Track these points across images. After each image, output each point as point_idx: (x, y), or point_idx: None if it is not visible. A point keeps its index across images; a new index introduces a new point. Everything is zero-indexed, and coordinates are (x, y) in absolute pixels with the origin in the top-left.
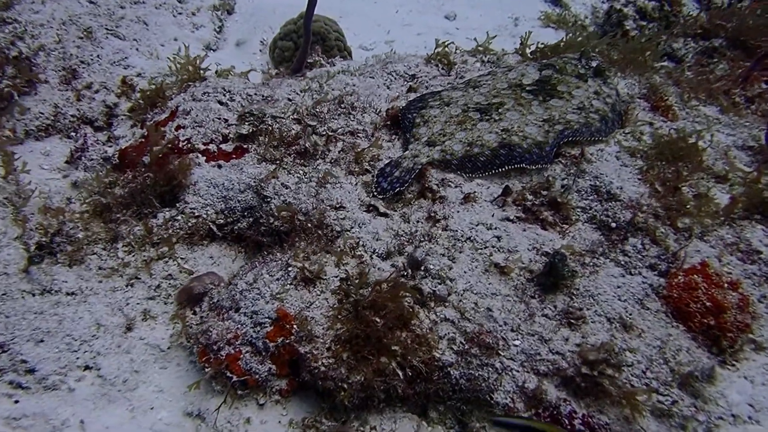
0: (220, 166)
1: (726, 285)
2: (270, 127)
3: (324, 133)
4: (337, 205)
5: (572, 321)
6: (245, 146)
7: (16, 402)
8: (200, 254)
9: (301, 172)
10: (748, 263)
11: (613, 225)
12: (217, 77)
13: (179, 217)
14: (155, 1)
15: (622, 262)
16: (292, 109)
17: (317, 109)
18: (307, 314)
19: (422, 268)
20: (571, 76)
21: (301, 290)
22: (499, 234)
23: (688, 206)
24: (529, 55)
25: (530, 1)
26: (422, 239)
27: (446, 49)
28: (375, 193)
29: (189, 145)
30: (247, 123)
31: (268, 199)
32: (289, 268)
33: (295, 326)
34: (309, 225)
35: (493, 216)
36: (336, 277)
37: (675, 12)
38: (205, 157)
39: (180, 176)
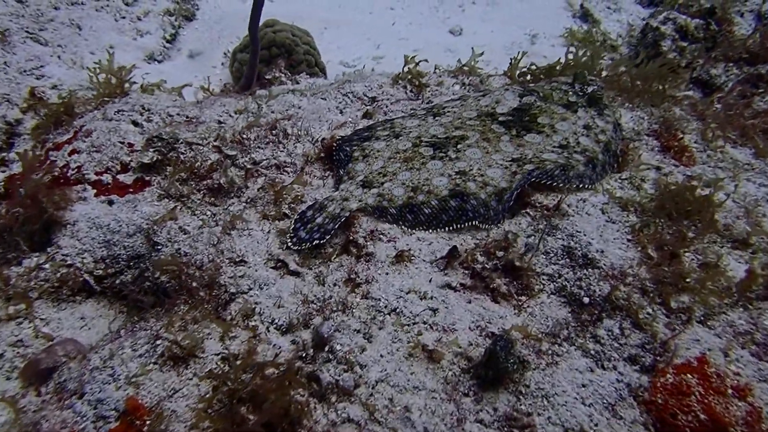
0: (111, 202)
1: (730, 391)
2: (180, 156)
3: (244, 165)
4: (238, 259)
5: (516, 431)
6: (148, 178)
7: None
8: (69, 314)
9: (208, 213)
10: (765, 361)
11: (586, 300)
12: (141, 93)
13: (47, 266)
14: (97, 3)
15: (592, 352)
16: (214, 134)
17: (244, 136)
18: (167, 406)
19: (327, 347)
20: (558, 104)
21: (166, 372)
22: (435, 306)
23: (688, 279)
24: (518, 78)
25: (554, 16)
26: (336, 308)
27: (418, 67)
28: (290, 244)
29: (79, 174)
30: (152, 149)
31: (159, 247)
32: (158, 342)
33: (147, 423)
34: (196, 284)
35: (430, 282)
36: (217, 354)
37: (725, 32)
38: (95, 190)
39: (53, 213)
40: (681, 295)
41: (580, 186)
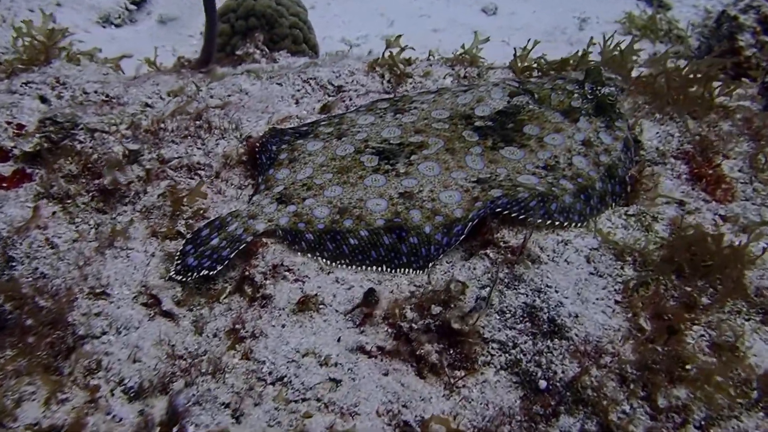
0: None
1: None
2: (78, 146)
3: (148, 163)
4: (99, 290)
5: None
6: (30, 170)
7: None
8: None
9: (92, 222)
10: None
11: (543, 384)
12: (67, 61)
13: None
14: None
15: None
16: (128, 120)
17: (161, 125)
18: None
19: (177, 428)
20: (555, 110)
21: None
22: (339, 376)
23: (688, 366)
24: (523, 73)
25: None
26: (205, 370)
27: (401, 52)
28: (172, 273)
29: None
30: (40, 135)
31: (14, 264)
32: None
33: None
34: (35, 321)
35: (338, 341)
36: (29, 428)
37: None
38: None
39: None
40: (676, 388)
41: (564, 223)
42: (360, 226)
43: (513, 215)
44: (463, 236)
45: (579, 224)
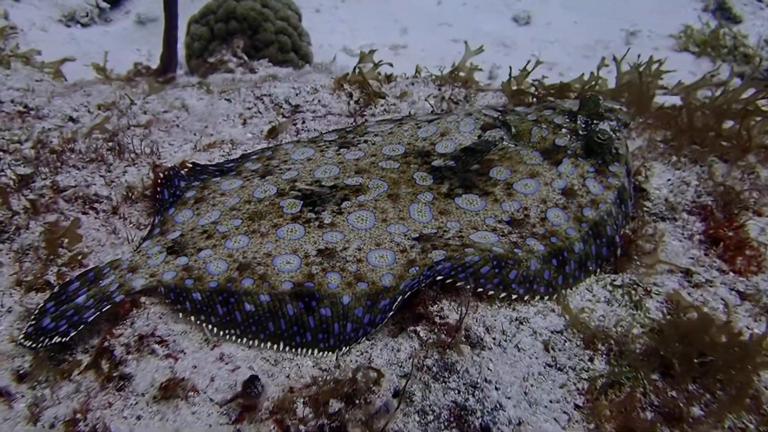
0: None
1: None
2: None
3: (36, 192)
4: None
5: None
6: None
7: None
8: None
9: None
10: None
11: None
12: None
13: None
14: None
15: None
16: (36, 137)
17: (69, 145)
18: None
19: None
20: (534, 148)
21: None
22: None
23: None
24: (515, 96)
25: (672, 8)
26: None
27: (375, 67)
28: (22, 338)
29: None
30: None
31: None
32: None
33: None
34: None
35: None
36: None
37: None
38: None
39: None
40: None
41: (525, 296)
42: (261, 288)
43: (458, 284)
44: (390, 313)
45: (546, 297)
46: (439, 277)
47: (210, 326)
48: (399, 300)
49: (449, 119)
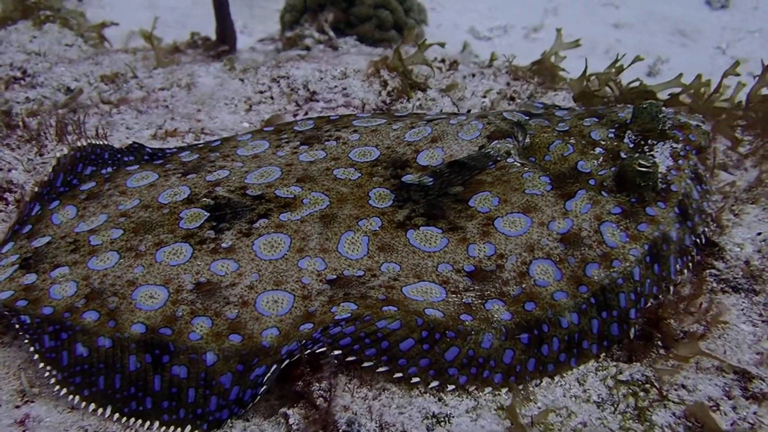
0: None
1: None
2: None
3: None
4: None
5: None
6: None
7: None
8: None
9: None
10: None
11: None
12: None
13: None
14: None
15: None
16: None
17: (29, 119)
18: None
19: None
20: (544, 172)
21: None
22: None
23: None
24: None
25: None
26: None
27: (423, 49)
28: None
29: None
30: None
31: None
32: None
33: None
34: None
35: None
36: None
37: None
38: None
39: None
40: None
41: (470, 386)
42: (103, 329)
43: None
44: (262, 389)
45: (504, 389)
46: (319, 350)
47: (57, 380)
48: (273, 371)
49: (453, 121)
